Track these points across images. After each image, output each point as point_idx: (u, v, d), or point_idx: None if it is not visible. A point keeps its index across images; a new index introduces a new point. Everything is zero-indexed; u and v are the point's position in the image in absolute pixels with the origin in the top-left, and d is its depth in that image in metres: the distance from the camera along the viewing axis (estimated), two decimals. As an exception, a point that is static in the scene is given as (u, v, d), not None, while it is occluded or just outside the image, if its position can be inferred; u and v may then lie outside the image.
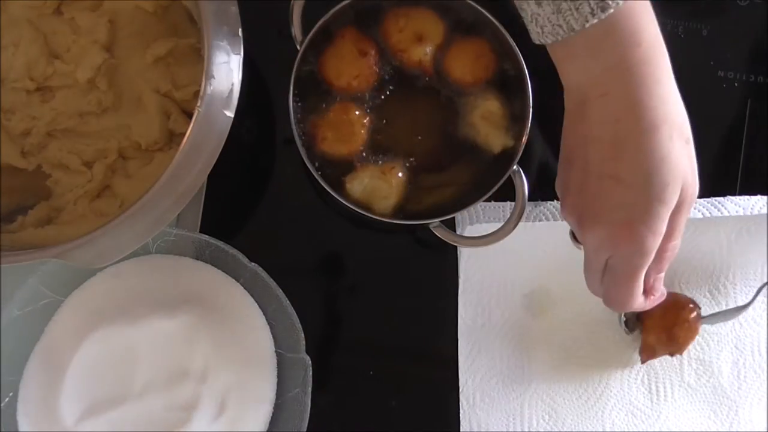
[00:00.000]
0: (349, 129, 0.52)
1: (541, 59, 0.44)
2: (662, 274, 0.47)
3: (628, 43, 0.40)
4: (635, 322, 0.58)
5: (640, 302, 0.47)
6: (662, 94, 0.41)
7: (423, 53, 0.53)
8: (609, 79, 0.41)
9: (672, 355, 0.57)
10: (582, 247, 0.48)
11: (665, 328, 0.56)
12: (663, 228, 0.42)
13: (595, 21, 0.39)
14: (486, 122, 0.53)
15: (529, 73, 0.52)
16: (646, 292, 0.47)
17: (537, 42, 0.44)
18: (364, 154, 0.53)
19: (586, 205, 0.44)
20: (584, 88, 0.42)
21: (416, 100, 0.54)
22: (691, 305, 0.57)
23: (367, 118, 0.53)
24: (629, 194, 0.41)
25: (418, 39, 0.53)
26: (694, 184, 0.43)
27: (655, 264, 0.45)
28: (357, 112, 0.53)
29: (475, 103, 0.53)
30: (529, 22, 0.43)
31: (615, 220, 0.43)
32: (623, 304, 0.47)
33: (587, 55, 0.41)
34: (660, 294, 0.49)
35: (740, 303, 0.60)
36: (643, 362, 0.58)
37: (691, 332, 0.56)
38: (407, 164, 0.53)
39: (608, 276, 0.46)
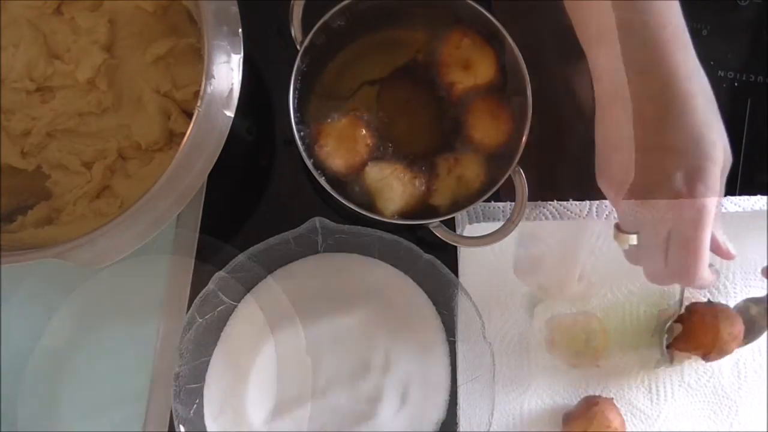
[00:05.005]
0: (351, 143, 0.52)
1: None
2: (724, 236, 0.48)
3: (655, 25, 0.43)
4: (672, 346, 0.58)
5: (708, 274, 0.46)
6: (692, 68, 0.44)
7: (467, 78, 0.53)
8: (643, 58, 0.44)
9: (704, 357, 0.56)
10: (630, 237, 0.47)
11: (693, 333, 0.56)
12: (718, 186, 0.44)
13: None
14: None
15: (529, 74, 0.52)
16: (721, 252, 0.48)
17: None
18: (368, 156, 0.53)
19: (639, 182, 0.45)
20: (619, 70, 0.45)
21: (421, 102, 0.54)
22: (718, 308, 0.56)
23: (371, 141, 0.53)
24: (682, 159, 0.43)
25: (466, 67, 0.53)
26: (728, 149, 0.45)
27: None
28: (363, 131, 0.53)
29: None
30: None
31: (672, 187, 0.44)
32: (694, 274, 0.46)
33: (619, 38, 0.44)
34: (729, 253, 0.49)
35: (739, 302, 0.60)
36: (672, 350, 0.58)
37: (718, 334, 0.55)
38: (412, 164, 0.53)
39: (673, 248, 0.46)
